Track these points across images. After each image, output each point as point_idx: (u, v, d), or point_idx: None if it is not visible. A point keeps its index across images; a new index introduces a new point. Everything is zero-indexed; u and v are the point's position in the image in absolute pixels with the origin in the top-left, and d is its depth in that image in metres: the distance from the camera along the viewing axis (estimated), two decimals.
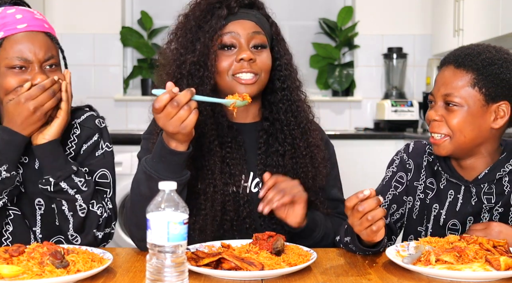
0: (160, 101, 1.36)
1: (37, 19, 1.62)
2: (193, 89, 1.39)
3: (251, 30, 1.63)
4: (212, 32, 1.60)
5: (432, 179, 1.66)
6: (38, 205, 1.66)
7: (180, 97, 1.36)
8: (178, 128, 1.38)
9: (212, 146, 1.62)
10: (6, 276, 1.21)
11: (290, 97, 1.69)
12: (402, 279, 1.32)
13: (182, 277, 1.10)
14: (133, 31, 4.73)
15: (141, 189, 1.50)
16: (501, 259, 1.30)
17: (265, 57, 1.64)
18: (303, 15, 4.82)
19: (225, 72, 1.62)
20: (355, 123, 4.79)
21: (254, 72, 1.61)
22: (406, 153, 1.70)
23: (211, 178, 1.61)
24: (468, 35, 3.94)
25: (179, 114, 1.37)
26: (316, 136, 1.71)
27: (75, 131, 1.69)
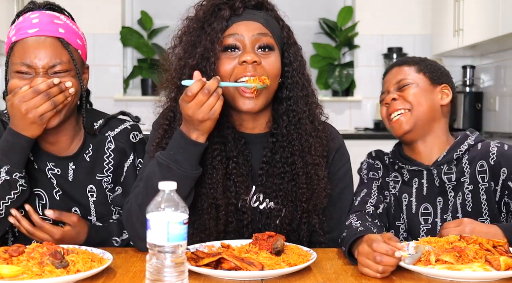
0: (192, 90, 1.41)
1: (53, 24, 1.59)
2: (218, 77, 1.44)
3: (256, 32, 1.53)
4: (214, 34, 1.52)
5: (396, 173, 1.77)
6: (90, 192, 1.70)
7: (210, 85, 1.41)
8: (208, 114, 1.42)
9: (215, 163, 1.55)
10: (6, 276, 1.21)
11: (295, 107, 1.59)
12: (402, 279, 1.32)
13: (182, 277, 1.10)
14: (133, 31, 4.73)
15: (154, 184, 1.39)
16: (501, 259, 1.30)
17: (272, 60, 1.54)
18: (303, 15, 4.82)
19: (228, 77, 1.52)
20: (355, 123, 4.79)
21: (259, 74, 1.51)
22: (371, 158, 1.82)
23: (212, 196, 1.55)
24: (468, 35, 3.95)
25: (209, 101, 1.42)
26: (318, 152, 1.60)
27: (109, 145, 1.72)
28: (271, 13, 1.60)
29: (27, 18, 1.60)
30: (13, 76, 1.57)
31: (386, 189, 1.76)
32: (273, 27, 1.57)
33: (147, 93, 4.68)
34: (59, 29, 1.59)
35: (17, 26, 1.60)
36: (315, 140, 1.60)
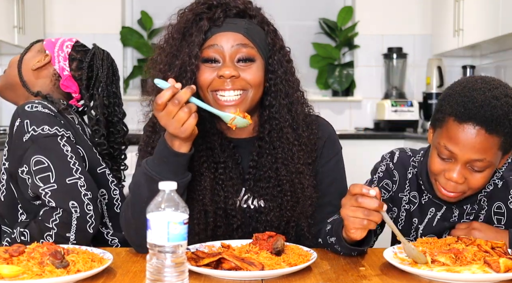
0: (162, 97, 1.34)
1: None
2: (193, 87, 1.37)
3: (235, 43, 1.49)
4: (193, 47, 1.49)
5: (415, 193, 1.64)
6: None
7: (181, 94, 1.34)
8: (178, 130, 1.36)
9: (203, 169, 1.55)
10: (6, 276, 1.21)
11: (277, 116, 1.56)
12: (402, 280, 1.32)
13: (182, 277, 1.10)
14: (133, 31, 4.74)
15: (141, 192, 1.46)
16: (501, 261, 1.29)
17: (253, 70, 1.51)
18: (303, 15, 4.82)
19: (206, 87, 1.50)
20: (355, 123, 4.79)
21: (239, 88, 1.49)
22: (392, 162, 1.66)
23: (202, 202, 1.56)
24: (468, 35, 3.95)
25: (179, 115, 1.34)
26: (302, 160, 1.58)
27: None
28: (254, 20, 1.55)
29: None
30: None
31: (396, 205, 1.65)
32: (255, 37, 1.53)
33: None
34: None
35: None
36: (298, 148, 1.58)
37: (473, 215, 1.60)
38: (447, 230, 1.62)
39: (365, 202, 1.32)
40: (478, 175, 1.46)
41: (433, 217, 1.62)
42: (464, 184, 1.48)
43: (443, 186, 1.50)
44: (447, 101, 1.47)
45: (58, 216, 1.58)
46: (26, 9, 4.00)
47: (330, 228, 1.50)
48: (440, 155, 1.48)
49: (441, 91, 4.51)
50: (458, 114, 1.43)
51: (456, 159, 1.45)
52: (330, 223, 1.53)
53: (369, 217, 1.33)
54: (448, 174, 1.47)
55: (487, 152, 1.43)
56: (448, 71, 4.62)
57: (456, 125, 1.43)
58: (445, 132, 1.46)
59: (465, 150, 1.43)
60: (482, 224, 1.55)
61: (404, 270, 1.34)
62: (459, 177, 1.46)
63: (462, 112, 1.43)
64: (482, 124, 1.41)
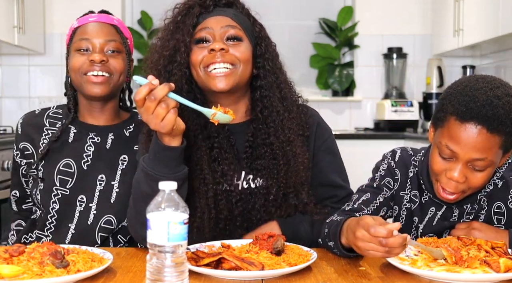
0: (139, 93, 1.39)
1: (108, 17, 1.88)
2: (172, 84, 1.40)
3: (225, 24, 1.63)
4: (185, 29, 1.62)
5: (416, 192, 1.63)
6: (122, 160, 1.79)
7: (157, 91, 1.38)
8: (159, 126, 1.40)
9: (198, 140, 1.62)
10: (6, 276, 1.21)
11: (267, 93, 1.66)
12: (402, 280, 1.32)
13: (182, 277, 1.10)
14: (133, 31, 4.73)
15: (141, 188, 1.51)
16: (501, 261, 1.29)
17: (242, 48, 1.62)
18: (303, 15, 4.82)
19: (198, 64, 1.61)
20: (355, 123, 4.79)
21: (229, 62, 1.59)
22: (393, 161, 1.66)
23: (200, 174, 1.62)
24: (468, 35, 3.95)
25: (157, 111, 1.38)
26: (291, 131, 1.67)
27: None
28: (241, 10, 1.69)
29: (86, 15, 1.87)
30: (73, 54, 1.79)
31: (397, 203, 1.64)
32: (242, 21, 1.66)
33: None
34: (114, 20, 1.87)
35: (78, 19, 1.86)
36: (288, 120, 1.67)
37: (473, 214, 1.59)
38: (447, 229, 1.62)
39: (390, 243, 1.28)
40: (479, 174, 1.46)
41: (433, 216, 1.62)
42: (464, 184, 1.47)
43: (444, 185, 1.49)
44: (449, 100, 1.47)
45: None
46: (26, 9, 4.00)
47: (327, 231, 1.51)
48: (441, 154, 1.47)
49: (441, 91, 4.53)
50: (459, 113, 1.42)
51: (457, 158, 1.45)
52: (328, 225, 1.53)
53: (390, 253, 1.31)
54: (449, 173, 1.46)
55: (488, 151, 1.42)
56: (448, 71, 4.62)
57: (457, 124, 1.43)
58: (447, 131, 1.45)
59: (466, 149, 1.42)
60: (482, 224, 1.55)
61: (404, 270, 1.34)
62: (460, 176, 1.45)
63: (464, 111, 1.42)
64: (484, 123, 1.40)
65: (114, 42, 1.80)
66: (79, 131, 1.81)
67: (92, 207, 1.74)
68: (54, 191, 1.74)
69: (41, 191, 1.76)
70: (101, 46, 1.78)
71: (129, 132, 1.84)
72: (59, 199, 1.74)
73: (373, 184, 1.64)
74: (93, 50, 1.77)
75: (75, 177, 1.75)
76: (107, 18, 1.86)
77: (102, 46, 1.78)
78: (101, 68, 1.75)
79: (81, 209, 1.74)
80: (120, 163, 1.79)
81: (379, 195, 1.61)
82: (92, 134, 1.81)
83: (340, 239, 1.43)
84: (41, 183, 1.76)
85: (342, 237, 1.43)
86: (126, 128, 1.85)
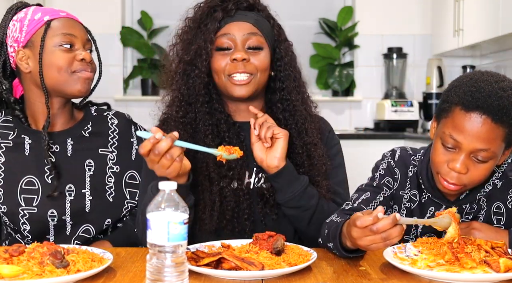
0: (143, 148, 1.40)
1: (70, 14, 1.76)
2: (176, 133, 1.41)
3: (246, 31, 1.65)
4: (207, 34, 1.63)
5: (416, 192, 1.63)
6: (88, 166, 1.73)
7: (160, 145, 1.38)
8: (165, 173, 1.43)
9: (207, 140, 1.64)
10: (6, 276, 1.22)
11: (288, 97, 1.70)
12: (402, 280, 1.32)
13: (182, 277, 1.10)
14: (133, 31, 4.73)
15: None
16: (501, 261, 1.29)
17: (261, 57, 1.66)
18: (303, 15, 4.82)
19: (221, 72, 1.64)
20: (355, 123, 4.79)
21: (249, 72, 1.63)
22: (393, 160, 1.66)
23: (205, 171, 1.63)
24: (468, 35, 3.95)
25: (162, 162, 1.40)
26: (314, 134, 1.71)
27: (112, 121, 1.81)
28: (262, 13, 1.71)
29: (45, 7, 1.74)
30: (53, 50, 1.67)
31: (397, 202, 1.64)
32: (263, 27, 1.68)
33: (147, 93, 4.68)
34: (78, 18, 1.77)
35: (41, 11, 1.70)
36: (310, 124, 1.71)
37: (472, 214, 1.59)
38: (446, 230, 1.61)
39: (380, 227, 1.29)
40: (480, 167, 1.46)
41: (432, 216, 1.61)
42: (466, 176, 1.46)
43: (445, 176, 1.48)
44: (454, 92, 1.48)
45: None
46: None
47: (327, 233, 1.51)
48: (444, 144, 1.47)
49: (441, 91, 4.53)
50: (465, 103, 1.43)
51: (460, 149, 1.45)
52: (328, 226, 1.53)
53: (389, 238, 1.31)
54: (451, 164, 1.46)
55: (492, 142, 1.42)
56: (448, 71, 4.62)
57: (462, 114, 1.43)
58: (451, 121, 1.46)
59: (470, 139, 1.42)
60: (482, 224, 1.55)
61: (404, 270, 1.34)
62: (462, 167, 1.45)
63: (470, 101, 1.43)
64: (488, 113, 1.41)
65: (89, 42, 1.75)
66: (34, 140, 1.71)
67: (66, 219, 1.69)
68: (20, 212, 1.67)
69: (6, 214, 1.69)
70: (83, 44, 1.71)
71: (88, 132, 1.77)
72: (27, 219, 1.68)
73: (373, 184, 1.64)
74: (78, 47, 1.69)
75: (41, 193, 1.67)
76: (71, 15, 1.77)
77: (84, 44, 1.71)
78: (91, 68, 1.71)
79: (54, 223, 1.69)
80: (86, 169, 1.72)
81: (379, 194, 1.62)
82: (50, 142, 1.70)
83: (341, 241, 1.43)
84: (2, 206, 1.69)
85: (344, 240, 1.42)
86: (84, 129, 1.77)
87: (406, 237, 1.64)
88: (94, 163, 1.73)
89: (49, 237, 1.69)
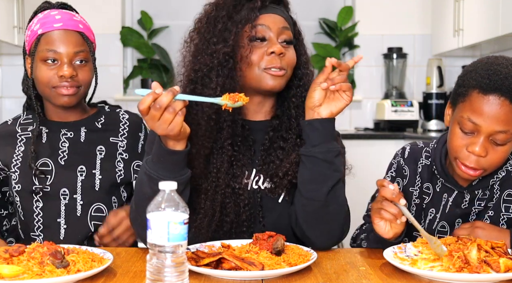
0: (143, 103, 1.37)
1: (74, 20, 1.78)
2: (177, 88, 1.38)
3: (281, 25, 1.62)
4: (244, 23, 1.59)
5: (429, 184, 1.64)
6: (99, 151, 1.82)
7: (162, 99, 1.36)
8: (166, 130, 1.39)
9: (226, 144, 1.61)
10: (6, 276, 1.22)
11: (304, 94, 1.66)
12: (402, 280, 1.32)
13: (182, 277, 1.10)
14: (133, 31, 4.73)
15: (143, 190, 1.50)
16: (501, 261, 1.29)
17: (292, 53, 1.64)
18: (303, 15, 4.77)
19: (256, 64, 1.59)
20: (355, 123, 4.79)
21: (284, 67, 1.60)
22: (403, 158, 1.69)
23: (215, 176, 1.60)
24: (468, 35, 3.95)
25: (164, 117, 1.37)
26: None
27: (123, 115, 1.91)
28: (287, 9, 1.71)
29: (48, 15, 1.78)
30: (39, 65, 1.74)
31: (407, 199, 1.57)
32: (290, 22, 1.68)
33: None
34: (79, 25, 1.79)
35: (40, 21, 1.77)
36: None
37: (484, 201, 1.59)
38: (459, 218, 1.61)
39: (381, 191, 1.42)
40: (499, 149, 1.46)
41: (446, 203, 1.63)
42: (485, 159, 1.46)
43: (464, 160, 1.48)
44: (470, 76, 1.49)
45: None
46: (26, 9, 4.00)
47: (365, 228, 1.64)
48: (462, 129, 1.48)
49: (441, 91, 4.53)
50: (482, 86, 1.44)
51: (479, 132, 1.45)
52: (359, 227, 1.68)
53: (384, 207, 1.43)
54: (471, 147, 1.46)
55: (510, 123, 1.43)
56: (448, 71, 4.62)
57: (481, 97, 1.44)
58: (469, 104, 1.46)
59: (489, 121, 1.43)
60: (485, 223, 1.56)
61: (404, 270, 1.34)
62: (481, 149, 1.45)
63: (487, 84, 1.44)
64: (507, 94, 1.42)
65: (82, 52, 1.76)
66: (51, 129, 1.82)
67: (77, 198, 1.77)
68: (34, 190, 1.76)
69: (20, 193, 1.77)
70: (70, 58, 1.73)
71: (101, 123, 1.87)
72: (41, 197, 1.76)
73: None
74: (61, 63, 1.73)
75: (54, 173, 1.77)
76: (72, 22, 1.78)
77: (71, 57, 1.74)
78: (71, 83, 1.73)
79: (65, 202, 1.76)
80: (98, 153, 1.82)
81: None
82: (64, 130, 1.82)
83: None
84: (16, 185, 1.77)
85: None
86: (98, 121, 1.87)
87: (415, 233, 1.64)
88: (105, 149, 1.83)
89: (59, 221, 1.76)
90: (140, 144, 1.89)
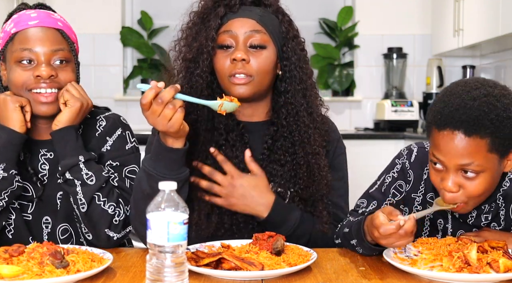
0: (145, 97, 1.39)
1: (52, 18, 1.62)
2: (178, 85, 1.41)
3: (249, 29, 1.59)
4: (210, 31, 1.59)
5: (432, 194, 1.58)
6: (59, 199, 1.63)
7: (164, 94, 1.38)
8: (166, 126, 1.41)
9: (221, 143, 1.62)
10: (6, 276, 1.22)
11: (292, 100, 1.63)
12: (402, 280, 1.32)
13: (182, 277, 1.10)
14: (133, 31, 4.73)
15: (142, 188, 1.51)
16: (500, 261, 1.29)
17: (262, 58, 1.59)
18: (303, 15, 4.81)
19: (221, 72, 1.60)
20: (355, 123, 4.79)
21: (247, 73, 1.57)
22: (409, 161, 1.61)
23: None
24: (468, 35, 3.95)
25: (164, 113, 1.39)
26: (317, 143, 1.64)
27: (101, 123, 1.68)
28: (269, 8, 1.65)
29: (23, 14, 1.61)
30: (13, 67, 1.56)
31: (408, 205, 1.60)
32: (268, 24, 1.62)
33: None
34: (58, 22, 1.62)
35: (14, 20, 1.60)
36: (314, 131, 1.65)
37: (491, 214, 1.55)
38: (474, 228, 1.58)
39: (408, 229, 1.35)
40: (474, 182, 1.39)
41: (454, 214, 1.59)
42: (461, 194, 1.41)
43: (443, 197, 1.44)
44: (430, 111, 1.44)
45: None
46: None
47: (348, 231, 1.53)
48: (432, 165, 1.44)
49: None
50: (437, 122, 1.39)
51: (446, 167, 1.40)
52: (347, 226, 1.55)
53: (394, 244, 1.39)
54: (443, 183, 1.41)
55: (474, 155, 1.35)
56: (448, 71, 4.62)
57: (437, 133, 1.39)
58: (431, 141, 1.43)
59: (449, 156, 1.38)
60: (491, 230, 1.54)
61: (404, 270, 1.34)
62: (453, 185, 1.39)
63: (439, 119, 1.38)
64: (459, 127, 1.35)
65: (62, 51, 1.57)
66: (29, 150, 1.63)
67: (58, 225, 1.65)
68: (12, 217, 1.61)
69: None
70: (47, 57, 1.54)
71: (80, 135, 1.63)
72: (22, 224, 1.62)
73: (381, 189, 1.63)
74: (38, 63, 1.54)
75: (35, 201, 1.62)
76: (50, 19, 1.60)
77: (49, 57, 1.55)
78: (50, 85, 1.54)
79: (48, 231, 1.65)
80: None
81: (384, 202, 1.61)
82: (43, 150, 1.64)
83: (365, 237, 1.45)
84: None
85: (365, 236, 1.46)
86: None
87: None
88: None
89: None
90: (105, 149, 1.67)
